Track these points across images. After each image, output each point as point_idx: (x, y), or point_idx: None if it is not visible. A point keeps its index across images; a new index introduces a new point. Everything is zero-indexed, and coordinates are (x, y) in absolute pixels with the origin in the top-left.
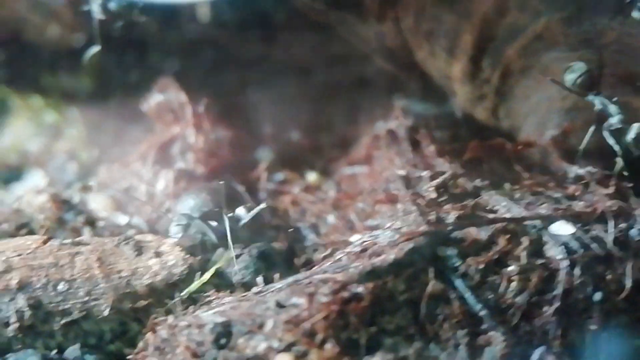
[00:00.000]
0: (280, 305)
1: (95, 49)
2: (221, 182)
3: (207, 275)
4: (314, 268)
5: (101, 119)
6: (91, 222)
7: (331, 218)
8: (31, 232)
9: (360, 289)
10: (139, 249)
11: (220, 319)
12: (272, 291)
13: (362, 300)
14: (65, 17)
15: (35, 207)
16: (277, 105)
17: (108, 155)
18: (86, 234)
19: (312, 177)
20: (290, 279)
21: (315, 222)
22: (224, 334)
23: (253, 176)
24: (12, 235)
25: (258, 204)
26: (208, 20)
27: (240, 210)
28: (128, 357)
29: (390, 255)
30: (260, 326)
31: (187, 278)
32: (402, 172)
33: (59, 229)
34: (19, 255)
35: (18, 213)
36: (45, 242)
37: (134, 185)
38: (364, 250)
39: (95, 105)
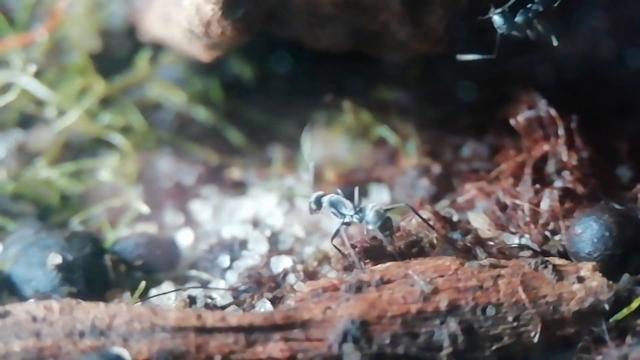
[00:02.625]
0: None
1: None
2: (605, 203)
3: (635, 303)
4: None
5: (438, 134)
6: (480, 241)
7: None
8: (421, 251)
9: None
10: (559, 273)
11: None
12: None
13: None
14: (435, 32)
15: (416, 226)
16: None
17: (454, 171)
18: (480, 255)
19: None
20: None
21: None
22: None
23: (628, 196)
24: (406, 254)
25: None
26: None
27: None
28: None
29: None
30: None
31: (613, 305)
32: None
33: (450, 248)
34: (442, 276)
35: (405, 231)
36: (462, 264)
37: (509, 203)
38: None
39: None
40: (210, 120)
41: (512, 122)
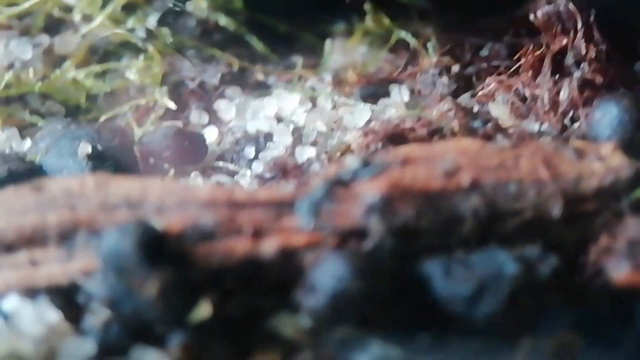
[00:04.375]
0: None
1: None
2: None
3: None
4: None
5: (458, 36)
6: (501, 129)
7: None
8: (443, 139)
9: None
10: (579, 153)
11: None
12: None
13: None
14: None
15: (439, 116)
16: None
17: (474, 69)
18: (500, 141)
19: None
20: None
21: None
22: None
23: None
24: (427, 140)
25: None
26: None
27: None
28: None
29: None
30: None
31: (633, 183)
32: None
33: (470, 135)
34: (463, 156)
35: (426, 120)
36: (483, 145)
37: (529, 94)
38: None
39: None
40: (231, 28)
41: (531, 17)
